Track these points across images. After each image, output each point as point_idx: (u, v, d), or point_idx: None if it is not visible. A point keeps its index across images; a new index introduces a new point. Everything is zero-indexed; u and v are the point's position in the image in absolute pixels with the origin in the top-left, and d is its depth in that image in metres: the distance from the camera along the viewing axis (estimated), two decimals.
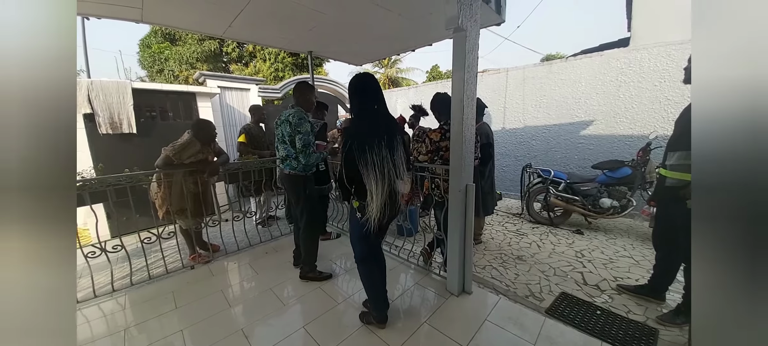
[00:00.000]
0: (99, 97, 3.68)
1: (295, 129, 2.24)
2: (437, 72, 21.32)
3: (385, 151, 1.57)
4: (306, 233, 2.44)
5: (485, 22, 2.76)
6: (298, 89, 2.42)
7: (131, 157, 3.84)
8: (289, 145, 2.31)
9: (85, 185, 2.29)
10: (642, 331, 1.85)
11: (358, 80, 1.73)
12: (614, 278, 2.53)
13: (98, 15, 2.58)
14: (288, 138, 2.29)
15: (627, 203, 3.49)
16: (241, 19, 2.72)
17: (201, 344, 1.80)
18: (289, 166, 2.35)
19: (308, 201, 2.46)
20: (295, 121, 2.25)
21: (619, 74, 4.30)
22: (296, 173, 2.35)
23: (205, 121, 2.86)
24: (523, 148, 5.45)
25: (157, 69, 12.90)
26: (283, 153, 2.37)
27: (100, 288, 2.37)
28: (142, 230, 2.63)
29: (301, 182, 2.39)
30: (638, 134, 4.17)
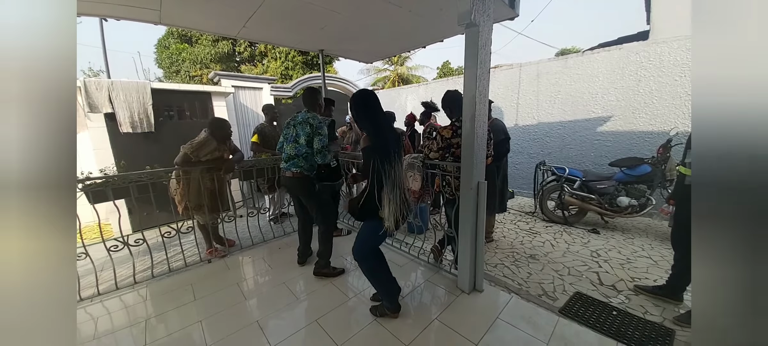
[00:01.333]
0: (119, 97, 3.83)
1: (317, 131, 2.34)
2: (448, 68, 21.08)
3: (396, 158, 1.68)
4: (323, 229, 2.47)
5: (498, 16, 2.72)
6: (309, 95, 2.53)
7: (151, 155, 3.99)
8: (303, 145, 2.36)
9: (108, 181, 2.40)
10: (659, 332, 1.80)
11: (362, 98, 1.77)
12: (631, 279, 2.46)
13: (117, 16, 2.67)
14: (305, 138, 2.36)
15: (646, 202, 3.38)
16: (255, 20, 2.77)
17: (218, 336, 1.87)
18: (296, 165, 2.37)
19: (320, 198, 2.50)
20: (316, 123, 2.36)
21: (639, 68, 4.15)
22: (304, 173, 2.39)
23: (221, 120, 2.94)
24: (537, 145, 5.34)
25: (174, 69, 13.27)
26: (292, 152, 2.40)
27: (122, 280, 2.48)
28: (163, 225, 2.73)
29: (308, 182, 2.44)
30: (658, 131, 4.02)
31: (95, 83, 3.72)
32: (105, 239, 2.38)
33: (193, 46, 13.33)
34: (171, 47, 13.32)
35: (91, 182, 2.33)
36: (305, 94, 2.56)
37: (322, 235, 2.48)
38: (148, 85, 4.06)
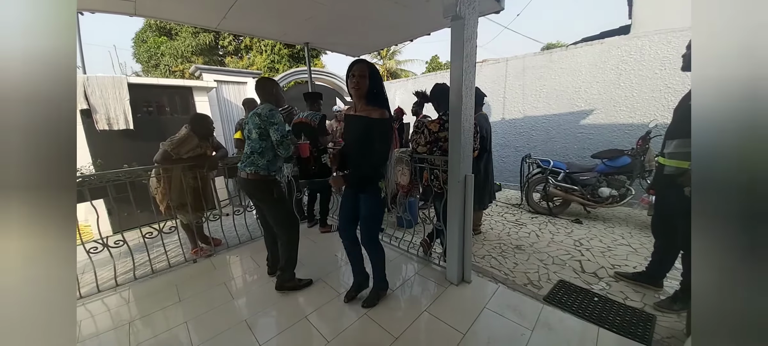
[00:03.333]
0: (95, 92, 3.66)
1: (268, 121, 2.02)
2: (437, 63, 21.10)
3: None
4: (286, 239, 2.18)
5: (484, 9, 2.72)
6: (262, 85, 2.19)
7: (130, 152, 3.85)
8: (256, 140, 2.06)
9: (84, 181, 2.30)
10: (640, 317, 1.88)
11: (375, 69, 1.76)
12: (612, 266, 2.56)
13: (92, 9, 2.54)
14: (256, 132, 2.05)
15: (626, 192, 3.50)
16: (236, 10, 2.68)
17: (205, 336, 1.83)
18: (252, 165, 2.06)
19: (280, 204, 2.19)
20: (266, 113, 2.03)
21: (620, 62, 4.26)
22: (260, 174, 2.06)
23: (202, 116, 2.84)
24: (523, 138, 5.43)
25: (153, 64, 12.76)
26: (247, 149, 2.12)
27: (103, 283, 2.39)
28: (144, 226, 2.65)
29: (266, 185, 2.10)
30: (638, 123, 4.15)
31: None
32: (84, 241, 2.28)
33: (173, 40, 12.82)
34: (149, 41, 12.78)
35: None
36: (256, 84, 2.23)
37: (284, 245, 2.19)
38: (125, 79, 3.89)
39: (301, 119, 3.01)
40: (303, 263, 2.69)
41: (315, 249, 3.00)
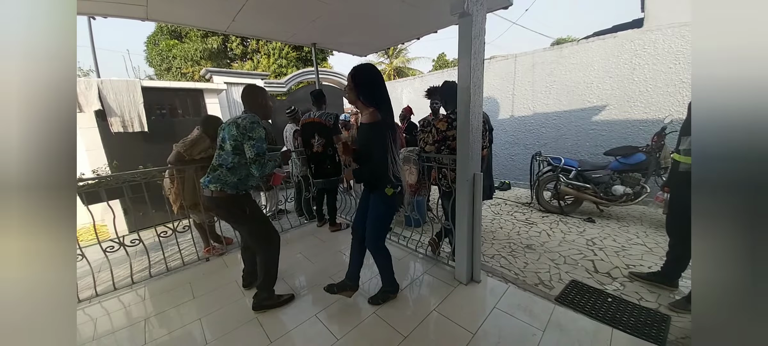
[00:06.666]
0: (110, 96, 3.76)
1: (246, 134, 1.77)
2: (444, 60, 20.94)
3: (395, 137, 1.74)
4: (265, 257, 2.01)
5: (492, 5, 2.69)
6: (245, 93, 1.96)
7: (144, 154, 3.94)
8: (229, 152, 1.81)
9: (100, 182, 2.37)
10: (654, 318, 1.83)
11: (370, 72, 1.73)
12: (626, 266, 2.50)
13: (104, 14, 2.62)
14: (231, 143, 1.80)
15: (641, 190, 3.42)
16: (244, 13, 2.72)
17: (218, 332, 1.87)
18: (217, 182, 1.82)
19: (256, 220, 2.00)
20: (245, 124, 1.78)
21: (634, 56, 4.15)
22: (226, 192, 1.83)
23: (214, 117, 2.90)
24: (533, 135, 5.35)
25: (165, 67, 13.05)
26: (215, 162, 1.88)
27: (119, 281, 2.46)
28: (159, 225, 2.72)
29: (236, 203, 1.89)
30: (653, 119, 4.04)
31: (85, 83, 3.65)
32: (101, 241, 2.36)
33: (183, 42, 13.08)
34: (161, 44, 13.08)
35: (84, 182, 2.30)
36: (243, 92, 1.98)
37: (263, 263, 2.00)
38: (138, 83, 3.99)
39: (314, 119, 3.04)
40: (310, 262, 2.72)
41: (322, 249, 3.02)
